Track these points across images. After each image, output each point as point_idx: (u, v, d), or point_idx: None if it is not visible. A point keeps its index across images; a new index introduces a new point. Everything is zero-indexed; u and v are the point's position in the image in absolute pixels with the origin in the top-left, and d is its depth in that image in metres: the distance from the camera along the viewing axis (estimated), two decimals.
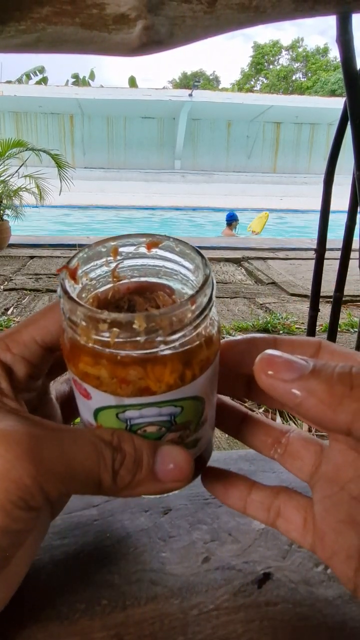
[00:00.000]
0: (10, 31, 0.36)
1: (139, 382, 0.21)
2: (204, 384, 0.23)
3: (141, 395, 0.21)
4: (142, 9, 0.35)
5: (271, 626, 0.25)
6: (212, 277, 0.23)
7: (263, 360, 0.22)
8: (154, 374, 0.21)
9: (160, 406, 0.22)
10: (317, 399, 0.20)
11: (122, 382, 0.21)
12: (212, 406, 0.26)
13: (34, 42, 0.37)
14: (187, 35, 0.37)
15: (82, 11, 0.35)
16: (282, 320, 2.47)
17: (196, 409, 0.24)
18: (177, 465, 0.24)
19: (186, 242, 0.24)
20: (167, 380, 0.21)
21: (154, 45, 0.37)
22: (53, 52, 0.39)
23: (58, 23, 0.35)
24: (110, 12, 0.35)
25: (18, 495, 0.20)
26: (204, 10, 0.35)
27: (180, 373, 0.22)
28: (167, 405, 0.22)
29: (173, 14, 0.35)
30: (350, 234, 1.51)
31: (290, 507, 0.26)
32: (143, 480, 0.23)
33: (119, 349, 0.20)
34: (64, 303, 0.22)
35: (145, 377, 0.21)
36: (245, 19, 0.36)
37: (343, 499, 0.24)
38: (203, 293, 0.22)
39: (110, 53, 0.39)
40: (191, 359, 0.22)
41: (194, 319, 0.21)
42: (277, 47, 38.71)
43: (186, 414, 0.23)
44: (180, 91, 16.08)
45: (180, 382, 0.22)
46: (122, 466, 0.23)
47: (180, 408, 0.23)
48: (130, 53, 0.38)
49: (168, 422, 0.23)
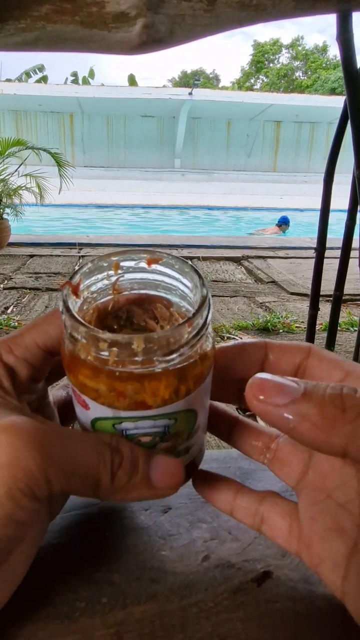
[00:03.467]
0: (10, 29, 0.36)
1: (136, 396, 0.22)
2: (198, 397, 0.24)
3: (137, 409, 0.22)
4: (142, 7, 0.34)
5: (271, 624, 0.25)
6: (209, 298, 0.23)
7: (254, 385, 0.22)
8: (151, 389, 0.22)
9: (155, 419, 0.23)
10: (310, 423, 0.20)
11: (119, 396, 0.22)
12: (205, 414, 0.26)
13: (34, 41, 0.37)
14: (187, 33, 0.37)
15: (81, 9, 0.35)
16: (282, 319, 2.47)
17: (189, 420, 0.25)
18: (170, 473, 0.25)
19: (185, 260, 0.25)
20: (163, 395, 0.22)
21: (154, 43, 0.37)
22: (53, 50, 0.39)
23: (58, 21, 0.35)
24: (110, 11, 0.35)
25: (25, 482, 0.21)
26: (204, 8, 0.35)
27: (175, 388, 0.22)
28: (162, 418, 0.23)
29: (173, 12, 0.35)
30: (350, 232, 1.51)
31: (275, 514, 0.26)
32: (138, 484, 0.24)
33: (117, 367, 0.21)
34: (65, 319, 0.23)
35: (142, 392, 0.22)
36: (245, 17, 0.36)
37: (329, 506, 0.24)
38: (200, 315, 0.22)
39: (110, 51, 0.39)
40: (186, 374, 0.23)
41: (191, 339, 0.22)
42: (277, 45, 38.65)
43: (179, 424, 0.24)
44: (180, 90, 16.04)
45: (175, 396, 0.23)
46: (120, 468, 0.23)
47: (174, 420, 0.24)
48: (130, 51, 0.38)
49: (162, 432, 0.24)
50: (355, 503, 0.23)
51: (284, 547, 0.26)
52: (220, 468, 0.38)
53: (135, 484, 0.24)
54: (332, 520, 0.23)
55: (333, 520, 0.23)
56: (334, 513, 0.23)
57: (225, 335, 2.26)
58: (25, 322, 2.41)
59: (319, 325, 1.75)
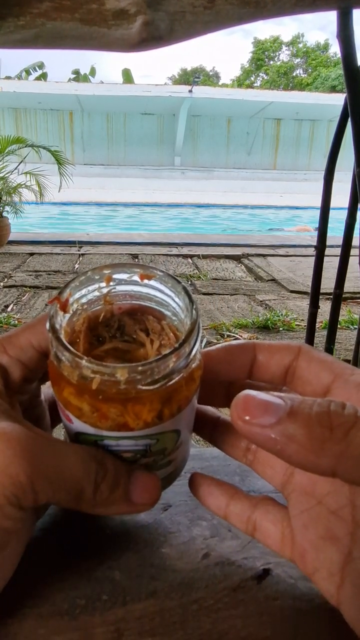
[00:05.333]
0: (10, 27, 0.35)
1: (118, 418, 0.22)
2: (183, 418, 0.24)
3: (119, 430, 0.22)
4: (142, 5, 0.34)
5: (270, 621, 0.25)
6: (199, 324, 0.23)
7: (238, 404, 0.21)
8: (134, 412, 0.22)
9: (137, 439, 0.23)
10: (298, 445, 0.19)
11: (102, 417, 0.22)
12: (189, 429, 0.26)
13: (33, 38, 0.37)
14: (187, 30, 0.37)
15: (81, 6, 0.35)
16: (282, 317, 2.47)
17: (172, 439, 0.25)
18: (148, 489, 0.25)
19: (179, 280, 0.25)
20: (145, 419, 0.22)
21: (154, 40, 0.37)
22: (52, 47, 0.39)
23: (57, 18, 0.35)
24: (110, 8, 0.35)
25: (12, 491, 0.21)
26: (204, 5, 0.35)
27: (159, 412, 0.22)
28: (144, 438, 0.23)
29: (173, 10, 0.35)
30: (350, 231, 1.51)
31: (267, 521, 0.26)
32: (118, 499, 0.24)
33: (100, 392, 0.21)
34: (51, 339, 0.22)
35: (125, 415, 0.22)
36: (245, 14, 0.36)
37: (321, 513, 0.23)
38: (188, 343, 0.22)
39: (110, 49, 0.39)
40: (171, 398, 0.23)
41: (177, 368, 0.22)
42: (277, 42, 38.55)
43: (162, 443, 0.24)
44: (180, 87, 16.00)
45: (159, 420, 0.23)
46: (104, 481, 0.23)
47: (156, 440, 0.24)
48: (130, 49, 0.38)
49: (143, 450, 0.24)
50: (347, 510, 0.23)
51: (278, 553, 0.26)
52: (220, 466, 0.38)
53: (115, 498, 0.24)
54: (325, 529, 0.23)
55: (326, 529, 0.23)
56: (326, 521, 0.23)
57: (225, 334, 2.26)
58: (25, 321, 2.41)
59: (319, 323, 1.75)
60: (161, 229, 7.83)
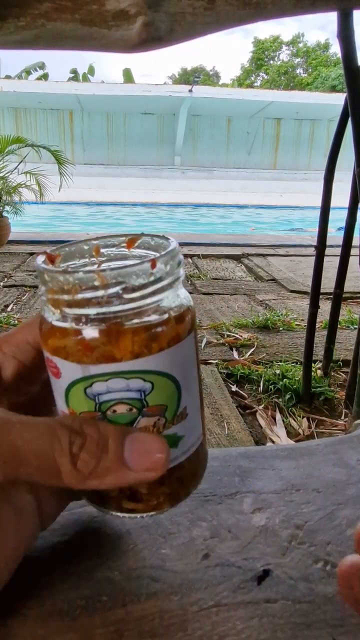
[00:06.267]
0: (10, 27, 0.35)
1: (103, 347, 0.22)
2: (174, 361, 0.23)
3: (105, 361, 0.22)
4: (142, 5, 0.34)
5: (270, 623, 0.25)
6: (179, 254, 0.24)
7: None
8: (117, 339, 0.22)
9: (128, 377, 0.22)
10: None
11: (86, 349, 0.22)
12: (192, 401, 0.25)
13: (33, 39, 0.37)
14: (187, 31, 0.37)
15: (81, 7, 0.34)
16: (282, 317, 2.47)
17: (169, 390, 0.23)
18: (147, 451, 0.22)
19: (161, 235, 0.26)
20: (130, 347, 0.22)
21: (154, 41, 0.37)
22: (52, 48, 0.39)
23: (57, 19, 0.35)
24: (110, 8, 0.35)
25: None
26: (204, 6, 0.35)
27: (145, 342, 0.22)
28: (135, 376, 0.22)
29: (173, 10, 0.35)
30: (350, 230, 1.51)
31: None
32: (111, 467, 0.22)
33: (81, 307, 0.21)
34: (38, 275, 0.23)
35: (108, 343, 0.22)
36: (245, 15, 0.36)
37: None
38: (163, 259, 0.22)
39: (110, 49, 0.39)
40: (156, 329, 0.22)
41: (154, 281, 0.22)
42: (277, 42, 38.52)
43: (158, 394, 0.23)
44: (180, 87, 16.00)
45: (146, 350, 0.22)
46: (83, 449, 0.21)
47: (150, 384, 0.22)
48: (130, 49, 0.38)
49: (138, 400, 0.23)
50: None
51: None
52: (220, 467, 0.38)
53: (107, 467, 0.22)
54: None
55: None
56: None
57: (225, 333, 2.26)
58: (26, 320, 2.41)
59: (319, 323, 1.75)
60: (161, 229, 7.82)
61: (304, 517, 0.33)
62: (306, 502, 0.34)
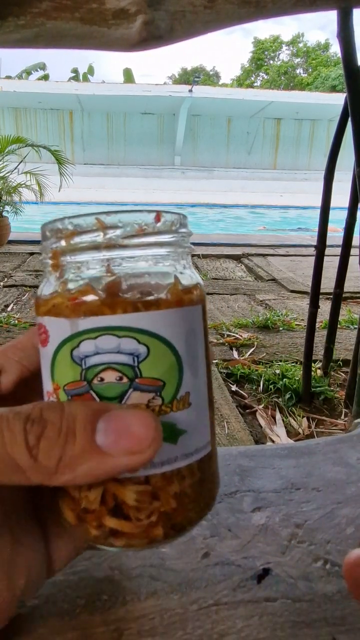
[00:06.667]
0: (10, 26, 0.35)
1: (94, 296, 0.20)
2: (175, 328, 0.20)
3: (96, 313, 0.19)
4: (142, 4, 0.34)
5: (270, 621, 0.25)
6: (188, 226, 0.23)
7: None
8: (110, 288, 0.20)
9: (119, 335, 0.19)
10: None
11: (77, 300, 0.20)
12: (198, 389, 0.21)
13: (33, 38, 0.37)
14: (187, 30, 0.37)
15: (81, 6, 0.34)
16: (282, 317, 2.47)
17: (168, 362, 0.20)
18: (129, 428, 0.18)
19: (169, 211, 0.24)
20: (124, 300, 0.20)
21: (154, 40, 0.37)
22: (52, 47, 0.39)
23: (57, 18, 0.35)
24: (110, 7, 0.35)
25: None
26: (204, 5, 0.35)
27: (141, 294, 0.20)
28: (127, 334, 0.19)
29: (173, 9, 0.35)
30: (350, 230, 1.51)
31: None
32: (80, 454, 0.18)
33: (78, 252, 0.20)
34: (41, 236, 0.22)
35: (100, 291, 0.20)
36: (245, 14, 0.36)
37: None
38: (169, 217, 0.22)
39: (110, 48, 0.39)
40: (156, 282, 0.21)
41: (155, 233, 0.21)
42: (277, 42, 38.54)
43: (154, 363, 0.20)
44: (180, 87, 16.01)
45: (141, 304, 0.20)
46: (42, 438, 0.18)
47: (144, 348, 0.19)
48: (130, 48, 0.38)
49: (130, 367, 0.19)
50: None
51: None
52: (220, 466, 0.38)
53: (76, 455, 0.18)
54: None
55: None
56: None
57: (225, 333, 2.26)
58: (26, 320, 2.41)
59: (319, 323, 1.75)
60: None
61: (304, 516, 0.33)
62: (306, 501, 0.34)
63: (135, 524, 0.20)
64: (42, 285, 0.23)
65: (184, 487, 0.21)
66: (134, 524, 0.20)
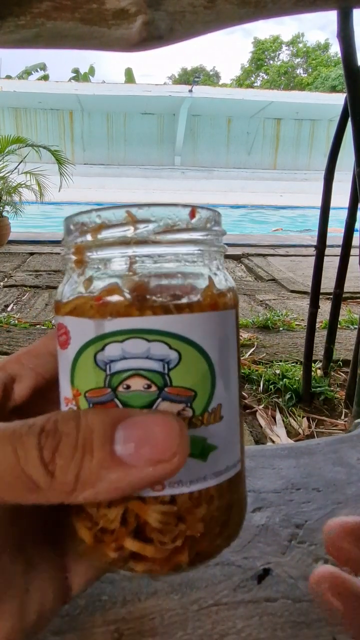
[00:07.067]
0: (10, 26, 0.35)
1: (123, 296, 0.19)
2: (208, 333, 0.19)
3: (124, 315, 0.18)
4: (142, 4, 0.34)
5: (270, 621, 0.25)
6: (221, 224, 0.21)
7: None
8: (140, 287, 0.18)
9: (149, 339, 0.18)
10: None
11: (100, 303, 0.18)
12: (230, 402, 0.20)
13: (34, 38, 0.37)
14: (187, 30, 0.37)
15: (81, 6, 0.34)
16: (282, 317, 2.47)
17: (201, 370, 0.18)
18: (152, 435, 0.16)
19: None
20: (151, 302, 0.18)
21: (154, 40, 0.37)
22: (52, 47, 0.39)
23: (57, 18, 0.35)
24: (110, 7, 0.35)
25: None
26: (204, 5, 0.35)
27: (173, 295, 0.18)
28: (158, 338, 0.18)
29: (173, 9, 0.35)
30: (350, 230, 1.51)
31: None
32: (99, 467, 0.16)
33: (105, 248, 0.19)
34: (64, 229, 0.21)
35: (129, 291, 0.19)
36: (245, 14, 0.36)
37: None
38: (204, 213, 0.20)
39: (110, 48, 0.39)
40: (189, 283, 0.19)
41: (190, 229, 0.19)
42: (277, 42, 38.54)
43: (186, 371, 0.18)
44: (180, 87, 16.02)
45: (173, 306, 0.18)
46: (57, 453, 0.16)
47: (176, 354, 0.18)
48: (130, 48, 0.38)
49: (160, 375, 0.18)
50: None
51: None
52: None
53: (95, 470, 0.16)
54: None
55: None
56: None
57: None
58: (26, 320, 2.41)
59: (319, 323, 1.75)
60: None
61: (304, 516, 0.33)
62: (306, 501, 0.34)
63: (158, 548, 0.18)
64: (63, 283, 0.21)
65: (213, 510, 0.19)
66: (157, 548, 0.18)
